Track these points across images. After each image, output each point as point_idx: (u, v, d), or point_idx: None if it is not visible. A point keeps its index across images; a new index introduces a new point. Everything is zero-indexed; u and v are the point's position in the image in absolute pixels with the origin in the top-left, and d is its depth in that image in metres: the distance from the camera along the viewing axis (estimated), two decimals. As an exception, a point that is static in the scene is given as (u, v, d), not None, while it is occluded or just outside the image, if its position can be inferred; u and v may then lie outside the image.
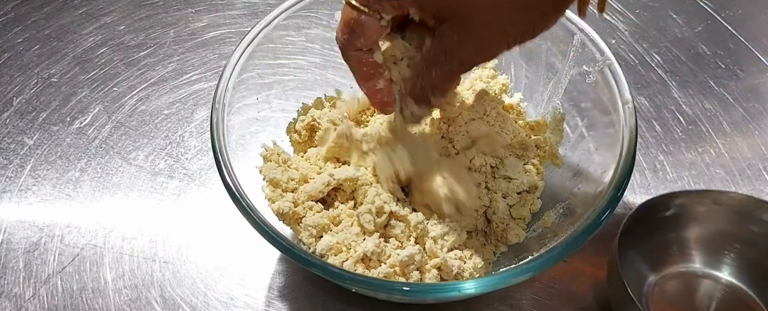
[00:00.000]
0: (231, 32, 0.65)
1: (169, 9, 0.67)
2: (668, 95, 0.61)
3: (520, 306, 0.48)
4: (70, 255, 0.50)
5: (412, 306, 0.49)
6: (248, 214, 0.38)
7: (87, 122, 0.59)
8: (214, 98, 0.43)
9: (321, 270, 0.37)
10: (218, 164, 0.41)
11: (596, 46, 0.45)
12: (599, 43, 0.45)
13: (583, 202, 0.43)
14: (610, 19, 0.67)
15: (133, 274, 0.49)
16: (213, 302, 0.48)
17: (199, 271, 0.50)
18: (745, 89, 0.61)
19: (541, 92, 0.51)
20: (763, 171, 0.56)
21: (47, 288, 0.49)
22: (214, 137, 0.41)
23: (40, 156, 0.56)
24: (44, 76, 0.62)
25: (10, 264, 0.50)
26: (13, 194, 0.54)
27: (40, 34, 0.65)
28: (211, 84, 0.61)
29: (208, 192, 0.54)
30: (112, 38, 0.65)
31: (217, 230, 0.52)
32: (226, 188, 0.40)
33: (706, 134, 0.58)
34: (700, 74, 0.62)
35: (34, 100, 0.60)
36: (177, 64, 0.63)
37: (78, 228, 0.52)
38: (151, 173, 0.55)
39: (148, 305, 0.48)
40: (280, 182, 0.43)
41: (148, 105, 0.60)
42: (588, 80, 0.46)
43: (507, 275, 0.38)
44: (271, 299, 0.48)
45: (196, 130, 0.58)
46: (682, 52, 0.64)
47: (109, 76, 0.62)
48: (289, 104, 0.50)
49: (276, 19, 0.47)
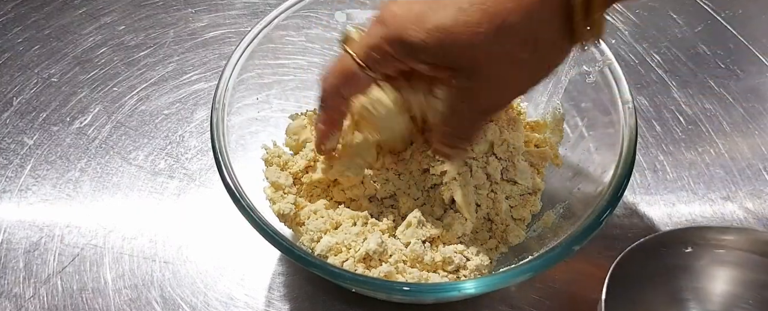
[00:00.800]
0: (231, 32, 0.65)
1: (169, 9, 0.67)
2: (668, 95, 0.61)
3: (520, 306, 0.48)
4: (70, 255, 0.50)
5: (412, 306, 0.49)
6: (248, 214, 0.38)
7: (87, 122, 0.59)
8: (214, 98, 0.43)
9: (321, 270, 0.37)
10: (218, 164, 0.41)
11: (596, 46, 0.45)
12: (599, 43, 0.45)
13: (583, 202, 0.43)
14: (610, 19, 0.67)
15: (133, 274, 0.49)
16: (213, 302, 0.48)
17: (199, 271, 0.50)
18: (745, 89, 0.61)
19: (541, 92, 0.51)
20: (763, 171, 0.56)
21: (47, 288, 0.49)
22: (214, 137, 0.41)
23: (40, 156, 0.56)
24: (44, 77, 0.62)
25: (10, 264, 0.50)
26: (13, 194, 0.54)
27: (40, 34, 0.65)
28: (211, 84, 0.61)
29: (208, 192, 0.54)
30: (112, 38, 0.65)
31: (217, 231, 0.52)
32: (226, 188, 0.40)
33: (706, 134, 0.58)
34: (700, 74, 0.62)
35: (34, 100, 0.60)
36: (177, 64, 0.63)
37: (78, 228, 0.52)
38: (151, 173, 0.55)
39: (148, 305, 0.48)
40: (283, 185, 0.43)
41: (148, 105, 0.60)
42: (588, 80, 0.46)
43: (507, 275, 0.38)
44: (271, 299, 0.48)
45: (196, 130, 0.58)
46: (682, 52, 0.64)
47: (109, 76, 0.62)
48: (289, 104, 0.50)
49: (276, 19, 0.47)
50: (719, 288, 0.39)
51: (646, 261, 0.38)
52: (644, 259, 0.38)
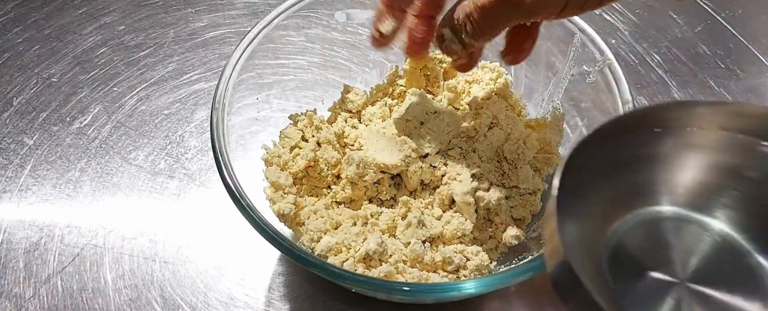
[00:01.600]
0: (231, 32, 0.65)
1: (169, 9, 0.67)
2: (668, 95, 0.61)
3: (520, 306, 0.48)
4: (70, 255, 0.50)
5: (412, 306, 0.49)
6: (248, 214, 0.38)
7: (87, 122, 0.59)
8: (214, 98, 0.43)
9: (321, 270, 0.37)
10: (218, 164, 0.41)
11: (596, 46, 0.45)
12: (599, 43, 0.45)
13: (583, 202, 0.43)
14: (610, 19, 0.67)
15: (133, 274, 0.49)
16: (213, 302, 0.48)
17: (199, 271, 0.50)
18: (745, 89, 0.61)
19: (541, 92, 0.51)
20: (763, 171, 0.56)
21: (47, 288, 0.49)
22: (214, 137, 0.41)
23: (40, 156, 0.56)
24: (44, 77, 0.62)
25: (10, 264, 0.50)
26: (13, 194, 0.54)
27: (40, 34, 0.65)
28: (211, 84, 0.61)
29: (208, 192, 0.54)
30: (112, 38, 0.65)
31: (217, 230, 0.52)
32: (226, 188, 0.40)
33: (706, 134, 0.58)
34: (700, 74, 0.63)
35: (34, 100, 0.60)
36: (177, 64, 0.63)
37: (78, 228, 0.52)
38: (151, 173, 0.55)
39: (148, 305, 0.48)
40: (283, 185, 0.43)
41: (148, 105, 0.60)
42: (588, 79, 0.46)
43: (507, 275, 0.38)
44: (271, 299, 0.48)
45: (196, 130, 0.58)
46: (682, 52, 0.64)
47: (109, 76, 0.62)
48: (289, 104, 0.50)
49: (276, 19, 0.47)
50: (693, 177, 0.31)
51: (605, 150, 0.30)
52: (603, 148, 0.30)
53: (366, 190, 0.45)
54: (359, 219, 0.43)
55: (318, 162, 0.45)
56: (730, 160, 0.30)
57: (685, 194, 0.31)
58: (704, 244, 0.30)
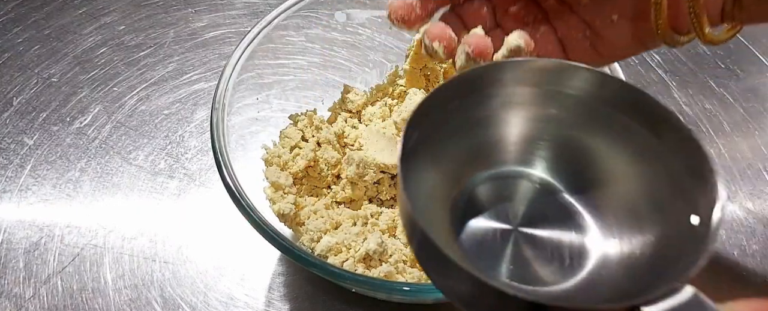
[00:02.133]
0: (231, 32, 0.65)
1: (169, 9, 0.67)
2: (668, 95, 0.61)
3: (520, 306, 0.48)
4: (70, 255, 0.50)
5: (412, 306, 0.49)
6: (248, 214, 0.38)
7: (87, 122, 0.59)
8: (214, 98, 0.43)
9: (321, 270, 0.37)
10: (218, 164, 0.41)
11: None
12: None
13: (583, 202, 0.43)
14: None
15: (133, 274, 0.49)
16: (213, 302, 0.48)
17: (199, 271, 0.50)
18: (745, 89, 0.61)
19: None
20: (763, 171, 0.56)
21: (47, 288, 0.49)
22: (214, 137, 0.41)
23: (40, 156, 0.56)
24: (44, 77, 0.62)
25: (10, 264, 0.50)
26: (13, 194, 0.54)
27: (40, 34, 0.65)
28: (211, 84, 0.61)
29: (208, 192, 0.54)
30: (112, 38, 0.65)
31: (217, 230, 0.52)
32: (226, 188, 0.40)
33: (706, 134, 0.58)
34: (700, 74, 0.62)
35: (34, 100, 0.60)
36: (177, 64, 0.63)
37: (78, 228, 0.52)
38: (151, 173, 0.55)
39: (148, 305, 0.48)
40: (283, 185, 0.43)
41: (148, 105, 0.60)
42: (588, 80, 0.46)
43: (507, 275, 0.38)
44: (271, 299, 0.48)
45: (196, 130, 0.58)
46: (682, 52, 0.64)
47: (109, 76, 0.62)
48: (289, 104, 0.50)
49: (276, 19, 0.47)
50: (517, 132, 0.34)
51: (439, 115, 0.32)
52: (438, 113, 0.32)
53: (366, 190, 0.45)
54: (359, 219, 0.43)
55: (318, 162, 0.45)
56: (538, 111, 0.33)
57: (514, 152, 0.34)
58: (529, 192, 0.34)
